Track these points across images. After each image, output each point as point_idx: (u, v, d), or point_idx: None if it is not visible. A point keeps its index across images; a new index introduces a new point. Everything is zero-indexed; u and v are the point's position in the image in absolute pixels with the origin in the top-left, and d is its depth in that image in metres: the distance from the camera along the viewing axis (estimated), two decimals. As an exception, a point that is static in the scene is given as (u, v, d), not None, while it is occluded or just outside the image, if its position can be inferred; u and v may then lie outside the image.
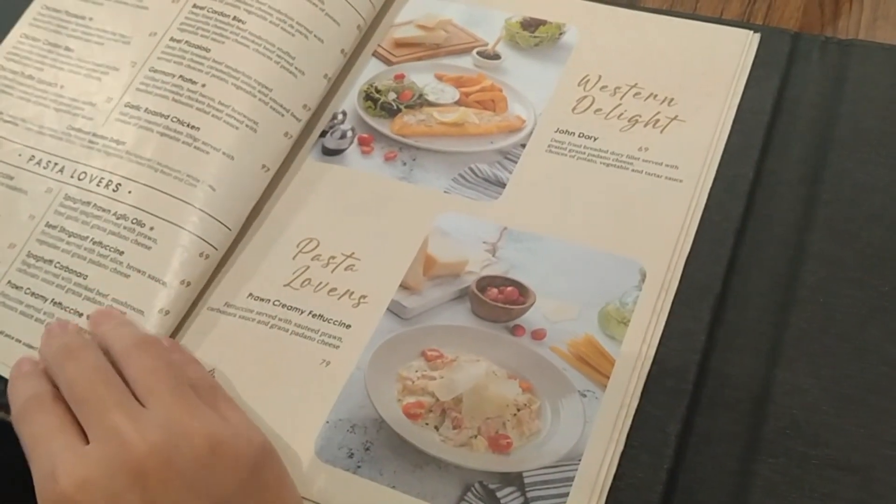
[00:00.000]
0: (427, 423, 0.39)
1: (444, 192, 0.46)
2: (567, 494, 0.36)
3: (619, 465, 0.37)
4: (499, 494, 0.37)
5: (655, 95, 0.48)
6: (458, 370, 0.41)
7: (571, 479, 0.37)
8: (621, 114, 0.47)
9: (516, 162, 0.47)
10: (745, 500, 0.36)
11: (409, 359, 0.41)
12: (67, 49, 0.51)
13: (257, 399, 0.41)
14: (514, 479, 0.37)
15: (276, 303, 0.44)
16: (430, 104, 0.50)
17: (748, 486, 0.36)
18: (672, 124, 0.47)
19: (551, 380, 0.40)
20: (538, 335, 0.41)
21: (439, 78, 0.51)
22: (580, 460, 0.37)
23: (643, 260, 0.42)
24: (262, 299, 0.44)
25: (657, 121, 0.47)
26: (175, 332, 0.43)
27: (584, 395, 0.39)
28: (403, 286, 0.43)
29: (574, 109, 0.48)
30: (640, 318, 0.41)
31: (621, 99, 0.48)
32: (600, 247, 0.43)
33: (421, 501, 0.37)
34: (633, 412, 0.38)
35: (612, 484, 0.37)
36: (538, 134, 0.48)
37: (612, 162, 0.46)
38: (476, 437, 0.39)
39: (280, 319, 0.43)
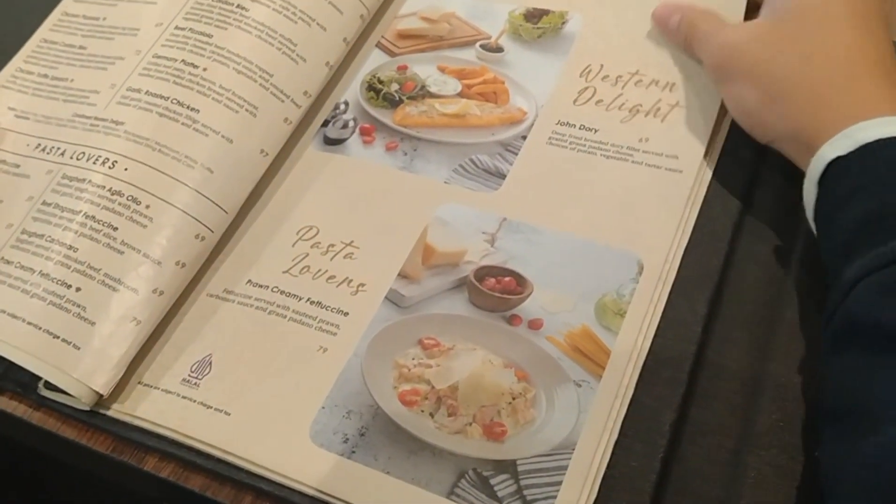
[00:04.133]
0: (422, 411, 0.39)
1: (445, 182, 0.47)
2: (560, 483, 0.37)
3: (613, 454, 0.37)
4: (492, 482, 0.37)
5: (657, 82, 0.48)
6: (454, 358, 0.41)
7: (565, 467, 0.37)
8: (622, 104, 0.47)
9: (517, 154, 0.47)
10: (737, 492, 0.36)
11: (405, 347, 0.41)
12: (81, 48, 0.52)
13: (254, 384, 0.41)
14: (507, 467, 0.37)
15: (275, 289, 0.44)
16: (433, 95, 0.50)
17: (740, 478, 0.36)
18: (673, 111, 0.46)
19: (547, 369, 0.40)
20: (535, 325, 0.41)
21: (442, 70, 0.52)
22: (574, 449, 0.37)
23: (641, 252, 0.42)
24: (260, 286, 0.44)
25: (658, 109, 0.47)
26: (173, 317, 0.43)
27: (580, 385, 0.39)
28: (402, 275, 0.43)
29: (575, 101, 0.48)
30: (637, 309, 0.41)
31: (623, 88, 0.48)
32: (598, 239, 0.43)
33: (415, 487, 0.37)
34: (627, 402, 0.38)
35: (606, 472, 0.37)
36: (539, 126, 0.48)
37: (613, 154, 0.46)
38: (471, 424, 0.39)
39: (278, 306, 0.43)
